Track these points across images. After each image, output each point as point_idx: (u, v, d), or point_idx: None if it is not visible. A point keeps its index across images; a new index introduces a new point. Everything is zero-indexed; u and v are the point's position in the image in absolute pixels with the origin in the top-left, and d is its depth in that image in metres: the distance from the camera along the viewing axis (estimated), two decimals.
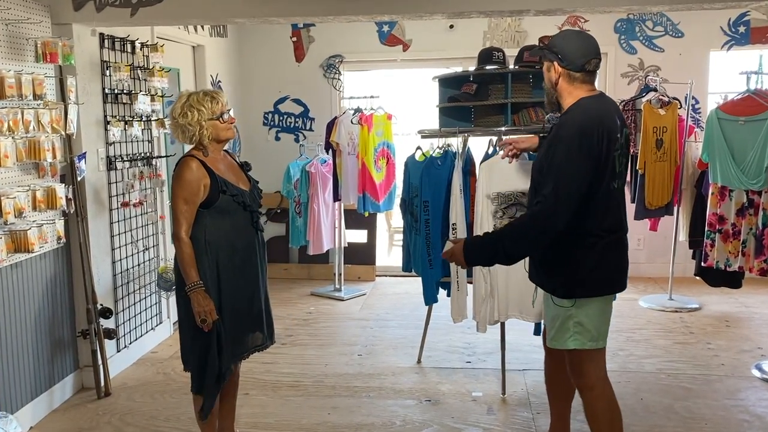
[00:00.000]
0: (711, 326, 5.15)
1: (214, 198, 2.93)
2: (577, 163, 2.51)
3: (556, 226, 2.55)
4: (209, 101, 2.97)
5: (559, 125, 2.62)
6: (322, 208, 6.11)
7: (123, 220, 4.43)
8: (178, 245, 2.89)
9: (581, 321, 2.70)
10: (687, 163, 5.50)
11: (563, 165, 2.52)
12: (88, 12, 3.86)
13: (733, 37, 6.33)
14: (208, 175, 2.93)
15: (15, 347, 3.59)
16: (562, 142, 2.54)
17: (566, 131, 2.55)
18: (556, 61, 2.65)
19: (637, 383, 4.10)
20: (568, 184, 2.50)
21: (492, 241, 2.72)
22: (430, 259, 4.08)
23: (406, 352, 4.69)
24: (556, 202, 2.51)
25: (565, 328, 2.71)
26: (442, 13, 3.79)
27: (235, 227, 3.02)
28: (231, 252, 2.99)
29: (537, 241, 2.62)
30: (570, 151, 2.51)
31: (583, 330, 2.71)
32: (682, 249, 5.82)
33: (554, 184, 2.52)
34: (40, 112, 3.49)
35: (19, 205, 3.34)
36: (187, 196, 2.88)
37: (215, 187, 2.93)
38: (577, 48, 2.65)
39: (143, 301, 4.70)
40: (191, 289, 2.87)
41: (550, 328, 2.80)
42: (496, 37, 6.55)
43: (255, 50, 6.82)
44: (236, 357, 3.13)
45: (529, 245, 2.65)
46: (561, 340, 2.74)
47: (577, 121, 2.57)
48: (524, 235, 2.62)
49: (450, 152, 4.14)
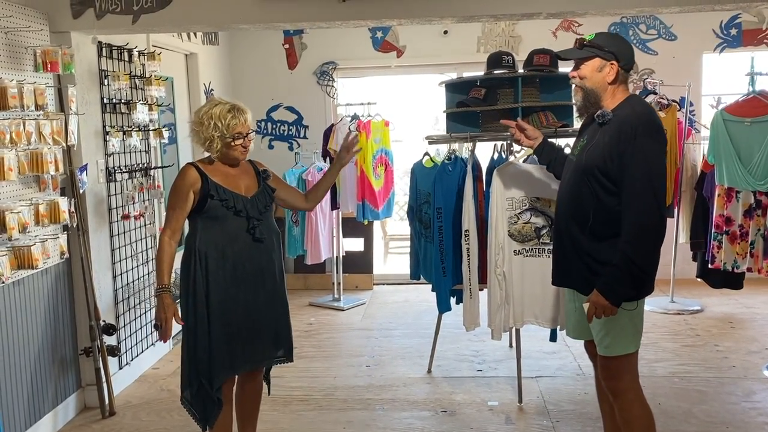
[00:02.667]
0: (716, 328, 5.15)
1: (202, 203, 2.89)
2: (657, 155, 2.54)
3: (663, 217, 2.57)
4: (230, 118, 2.90)
5: (625, 119, 2.57)
6: (319, 216, 6.03)
7: (123, 233, 4.30)
8: (158, 247, 2.92)
9: (637, 322, 2.68)
10: (686, 165, 5.51)
11: (648, 161, 2.50)
12: (87, 19, 3.74)
13: (726, 39, 6.37)
14: (201, 179, 2.89)
15: (18, 367, 3.45)
16: (640, 137, 2.51)
17: (641, 125, 2.53)
18: (615, 61, 2.63)
19: (652, 388, 4.06)
20: (659, 179, 2.53)
21: (623, 271, 2.55)
22: (443, 267, 4.00)
23: (415, 362, 4.62)
24: (656, 200, 2.51)
25: (626, 333, 2.65)
26: (452, 17, 3.74)
27: (226, 233, 2.92)
28: (221, 259, 2.91)
29: (659, 243, 2.59)
30: (649, 144, 2.51)
31: (637, 332, 2.69)
32: (681, 251, 5.82)
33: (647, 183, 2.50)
34: (41, 123, 3.36)
35: (23, 220, 3.21)
36: (174, 201, 2.90)
37: (205, 192, 2.89)
38: (629, 47, 2.71)
39: (144, 315, 4.57)
40: (157, 292, 2.89)
41: (603, 335, 2.69)
42: (490, 42, 6.53)
43: (247, 58, 6.72)
44: (234, 369, 3.02)
45: (655, 249, 2.59)
46: (621, 346, 2.67)
47: (643, 113, 2.59)
48: (647, 243, 2.55)
49: (459, 158, 4.09)
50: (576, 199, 2.70)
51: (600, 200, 2.62)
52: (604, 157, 2.58)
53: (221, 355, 2.93)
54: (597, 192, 2.62)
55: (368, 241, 6.73)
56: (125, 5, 3.71)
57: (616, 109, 2.64)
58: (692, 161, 5.56)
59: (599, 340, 2.72)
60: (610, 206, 2.60)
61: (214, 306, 2.91)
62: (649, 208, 2.51)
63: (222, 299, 2.92)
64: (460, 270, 3.95)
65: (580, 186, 2.68)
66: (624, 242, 2.55)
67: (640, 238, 2.54)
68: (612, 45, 2.66)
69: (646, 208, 2.51)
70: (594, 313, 2.61)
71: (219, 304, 2.92)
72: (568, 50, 2.76)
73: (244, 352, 3.01)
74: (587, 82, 2.68)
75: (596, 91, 2.67)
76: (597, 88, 2.67)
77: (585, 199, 2.65)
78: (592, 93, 2.68)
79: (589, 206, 2.64)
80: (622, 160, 2.53)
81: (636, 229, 2.53)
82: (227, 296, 2.93)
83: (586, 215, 2.65)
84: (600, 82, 2.66)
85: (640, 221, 2.52)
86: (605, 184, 2.60)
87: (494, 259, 3.77)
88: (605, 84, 2.65)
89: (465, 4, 3.65)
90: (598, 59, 2.65)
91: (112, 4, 3.72)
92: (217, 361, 2.92)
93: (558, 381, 4.22)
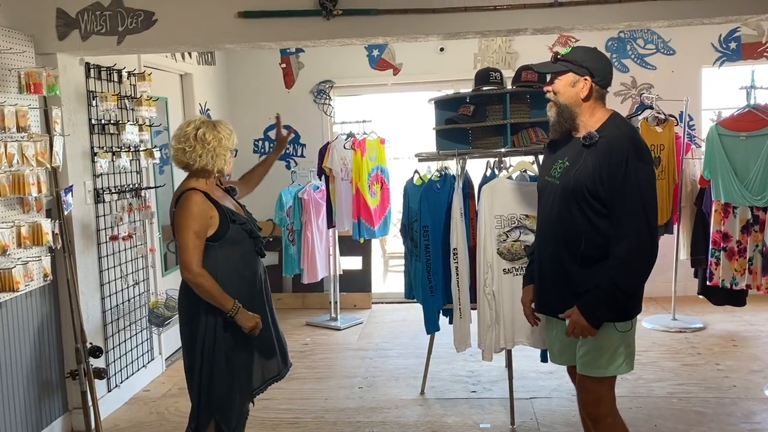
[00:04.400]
0: (718, 346, 5.04)
1: (224, 229, 2.83)
2: (650, 179, 2.49)
3: (655, 243, 2.50)
4: (229, 132, 2.92)
5: (613, 142, 2.50)
6: (315, 235, 5.98)
7: (112, 254, 4.27)
8: (197, 280, 2.75)
9: (630, 343, 2.61)
10: (685, 180, 5.43)
11: (643, 185, 2.46)
12: (72, 41, 3.75)
13: (725, 53, 6.31)
14: (214, 207, 2.83)
15: (2, 389, 3.41)
16: (632, 160, 2.45)
17: (629, 148, 2.47)
18: (588, 76, 2.56)
19: (649, 409, 3.97)
20: (651, 201, 2.49)
21: (608, 295, 2.51)
22: (431, 285, 3.95)
23: (408, 383, 4.54)
24: (648, 224, 2.46)
25: (618, 354, 2.58)
26: (438, 34, 3.71)
27: (243, 257, 2.92)
28: (240, 282, 2.89)
29: (649, 268, 2.52)
30: (641, 168, 2.47)
31: (630, 353, 2.61)
32: (682, 268, 5.72)
33: (640, 207, 2.45)
34: (24, 144, 3.35)
35: (3, 243, 3.19)
36: (198, 229, 2.76)
37: (224, 217, 2.84)
38: (606, 63, 2.63)
39: (134, 338, 4.53)
40: (235, 312, 2.78)
41: (596, 357, 2.60)
42: (487, 59, 6.50)
43: (244, 77, 6.73)
44: (252, 391, 3.00)
45: (644, 276, 2.53)
46: (612, 368, 2.59)
47: (631, 135, 2.54)
48: (636, 270, 2.50)
49: (449, 175, 4.04)
50: (565, 224, 2.60)
51: (592, 223, 2.54)
52: (593, 179, 2.50)
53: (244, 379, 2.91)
54: (588, 215, 2.54)
55: (366, 260, 6.67)
56: (110, 26, 3.72)
57: (600, 130, 2.56)
58: (691, 176, 5.48)
59: (588, 361, 2.62)
60: (602, 228, 2.53)
61: (237, 332, 2.85)
62: (641, 233, 2.45)
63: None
64: (450, 289, 3.89)
65: (569, 209, 2.58)
66: (612, 267, 2.49)
67: (630, 265, 2.48)
68: (587, 60, 2.58)
69: (638, 234, 2.45)
70: (572, 333, 2.55)
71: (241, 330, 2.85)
72: (542, 64, 2.71)
73: (261, 372, 3.01)
74: (560, 97, 2.61)
75: (569, 107, 2.60)
76: (570, 104, 2.59)
77: (576, 222, 2.57)
78: (566, 109, 2.60)
79: (581, 230, 2.56)
80: (612, 182, 2.46)
81: (626, 255, 2.47)
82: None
83: (578, 239, 2.56)
84: (573, 97, 2.58)
85: (630, 247, 2.46)
86: (595, 206, 2.53)
87: (483, 278, 3.71)
88: (578, 100, 2.58)
89: (451, 22, 3.62)
90: (571, 74, 2.58)
91: (97, 25, 3.72)
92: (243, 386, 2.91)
93: (553, 402, 4.13)
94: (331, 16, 3.56)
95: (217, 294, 2.76)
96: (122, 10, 3.70)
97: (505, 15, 3.58)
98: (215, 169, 2.88)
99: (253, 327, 2.83)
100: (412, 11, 3.57)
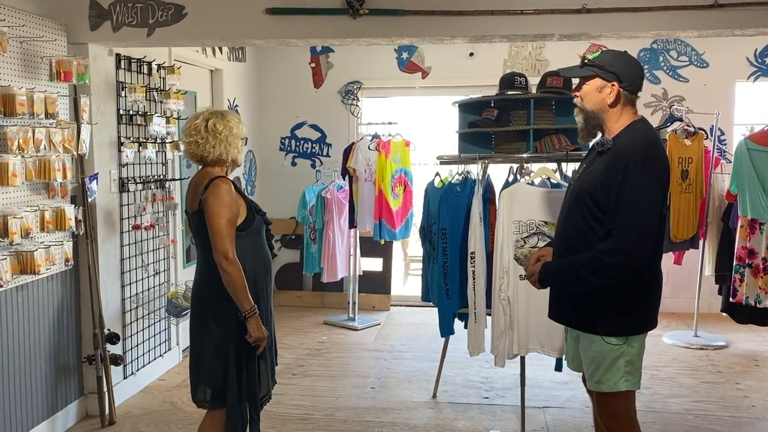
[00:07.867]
0: (739, 365, 4.94)
1: (251, 219, 2.84)
2: (649, 192, 2.38)
3: (638, 261, 2.40)
4: (237, 120, 2.90)
5: (620, 150, 2.44)
6: (337, 234, 6.00)
7: (133, 243, 4.34)
8: (231, 268, 2.69)
9: (632, 360, 2.52)
10: (713, 195, 5.33)
11: (636, 195, 2.36)
12: (104, 32, 3.81)
13: (760, 68, 6.20)
14: (241, 197, 2.84)
15: (19, 372, 3.47)
16: (631, 170, 2.37)
17: (633, 157, 2.39)
18: (616, 81, 2.49)
19: (663, 424, 3.91)
20: (645, 215, 2.37)
21: (569, 265, 2.50)
22: (447, 289, 3.93)
23: (421, 386, 4.52)
24: (637, 236, 2.37)
25: (616, 369, 2.51)
26: (464, 36, 3.70)
27: (263, 249, 2.93)
28: (264, 274, 2.90)
29: (611, 276, 2.44)
30: (640, 179, 2.36)
31: (633, 369, 2.53)
32: (707, 284, 5.61)
33: (630, 217, 2.37)
34: (51, 131, 3.42)
35: (26, 226, 3.25)
36: (231, 216, 2.73)
37: (250, 207, 2.85)
38: (636, 68, 2.55)
39: (152, 327, 4.58)
40: (250, 314, 2.73)
41: (593, 370, 2.57)
42: (517, 65, 6.46)
43: (273, 75, 6.79)
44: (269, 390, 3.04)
45: (603, 279, 2.45)
46: (611, 383, 2.53)
47: (640, 145, 2.43)
48: (599, 267, 2.43)
49: (470, 179, 4.03)
50: (571, 227, 2.58)
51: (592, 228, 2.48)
52: (596, 186, 2.46)
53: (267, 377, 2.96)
54: (588, 220, 2.49)
55: (387, 262, 6.67)
56: (141, 19, 3.78)
57: (617, 136, 2.51)
58: (720, 191, 5.38)
59: (589, 374, 2.61)
60: (600, 235, 2.47)
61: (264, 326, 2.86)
62: (623, 246, 2.38)
63: (267, 317, 2.90)
64: (466, 293, 3.87)
65: (575, 213, 2.56)
66: (593, 253, 2.44)
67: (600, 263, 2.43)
68: (615, 64, 2.51)
69: (621, 244, 2.38)
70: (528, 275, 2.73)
71: (265, 323, 2.85)
72: (569, 68, 2.67)
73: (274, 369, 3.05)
74: (586, 102, 2.55)
75: (596, 113, 2.53)
76: (596, 109, 2.53)
77: (579, 227, 2.53)
78: (593, 115, 2.54)
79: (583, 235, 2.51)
80: (609, 191, 2.42)
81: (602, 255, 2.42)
82: (268, 312, 2.94)
83: (580, 244, 2.52)
84: (599, 103, 2.52)
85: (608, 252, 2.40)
86: (595, 213, 2.47)
87: (499, 284, 3.68)
88: (605, 105, 2.51)
89: (477, 25, 3.61)
90: (598, 79, 2.51)
91: (129, 17, 3.78)
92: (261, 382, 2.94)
93: (566, 412, 4.09)
94: (358, 15, 3.58)
95: (242, 289, 2.71)
96: (153, 3, 3.76)
97: (531, 20, 3.56)
98: (229, 158, 2.87)
99: (259, 338, 2.76)
100: (439, 13, 3.57)
